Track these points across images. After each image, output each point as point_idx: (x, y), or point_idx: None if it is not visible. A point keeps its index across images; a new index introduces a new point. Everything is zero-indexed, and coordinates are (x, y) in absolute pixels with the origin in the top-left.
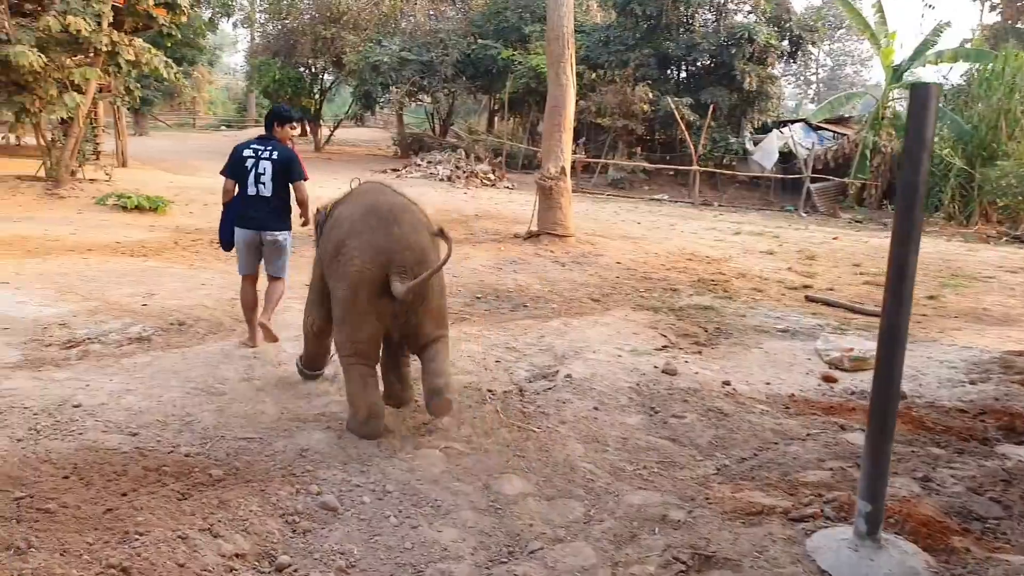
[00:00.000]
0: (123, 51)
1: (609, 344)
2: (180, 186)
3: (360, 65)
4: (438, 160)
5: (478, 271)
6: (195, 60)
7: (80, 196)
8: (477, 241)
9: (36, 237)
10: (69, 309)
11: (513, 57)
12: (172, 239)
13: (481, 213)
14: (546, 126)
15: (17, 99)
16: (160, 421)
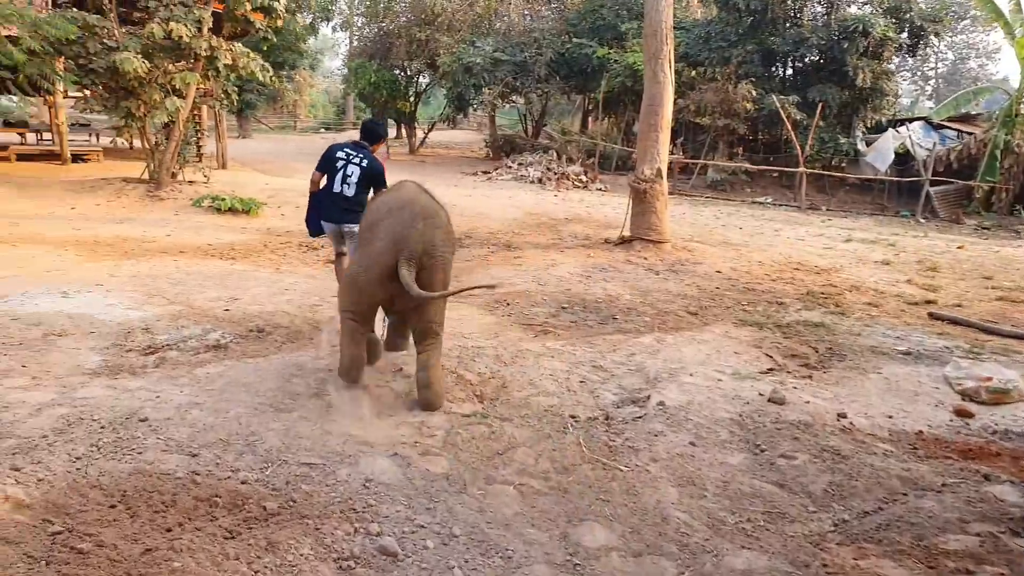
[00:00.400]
0: (221, 56)
1: (707, 365)
2: (275, 188)
3: (453, 67)
4: (529, 162)
5: (564, 279)
6: (296, 64)
7: (178, 198)
8: (565, 247)
9: (134, 238)
10: (154, 313)
11: (609, 56)
12: (262, 242)
13: (571, 216)
14: (641, 125)
15: (124, 104)
16: (223, 440)
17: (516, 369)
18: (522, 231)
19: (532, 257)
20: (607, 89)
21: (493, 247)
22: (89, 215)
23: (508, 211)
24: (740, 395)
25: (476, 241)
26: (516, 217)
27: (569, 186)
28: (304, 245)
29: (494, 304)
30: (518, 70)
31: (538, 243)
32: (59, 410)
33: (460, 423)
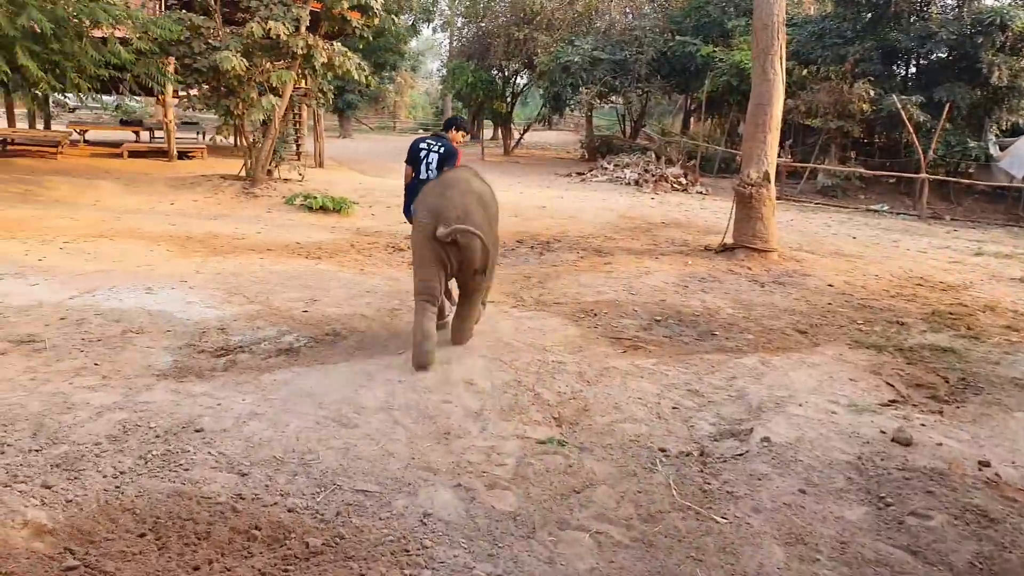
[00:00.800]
0: (317, 54)
1: (819, 394)
2: (368, 187)
3: (550, 66)
4: (626, 163)
5: (659, 289)
6: (397, 65)
7: (272, 195)
8: (660, 253)
9: (225, 235)
10: (232, 312)
11: (714, 54)
12: (349, 241)
13: (668, 221)
14: (748, 126)
15: (224, 102)
16: (277, 458)
17: (600, 390)
18: (615, 235)
19: (624, 263)
20: (711, 88)
21: (583, 252)
22: (186, 211)
23: (601, 214)
24: (858, 432)
25: (565, 245)
26: (609, 220)
27: (667, 189)
28: (391, 246)
29: (580, 314)
30: (617, 69)
31: (631, 248)
32: (119, 415)
33: (534, 451)
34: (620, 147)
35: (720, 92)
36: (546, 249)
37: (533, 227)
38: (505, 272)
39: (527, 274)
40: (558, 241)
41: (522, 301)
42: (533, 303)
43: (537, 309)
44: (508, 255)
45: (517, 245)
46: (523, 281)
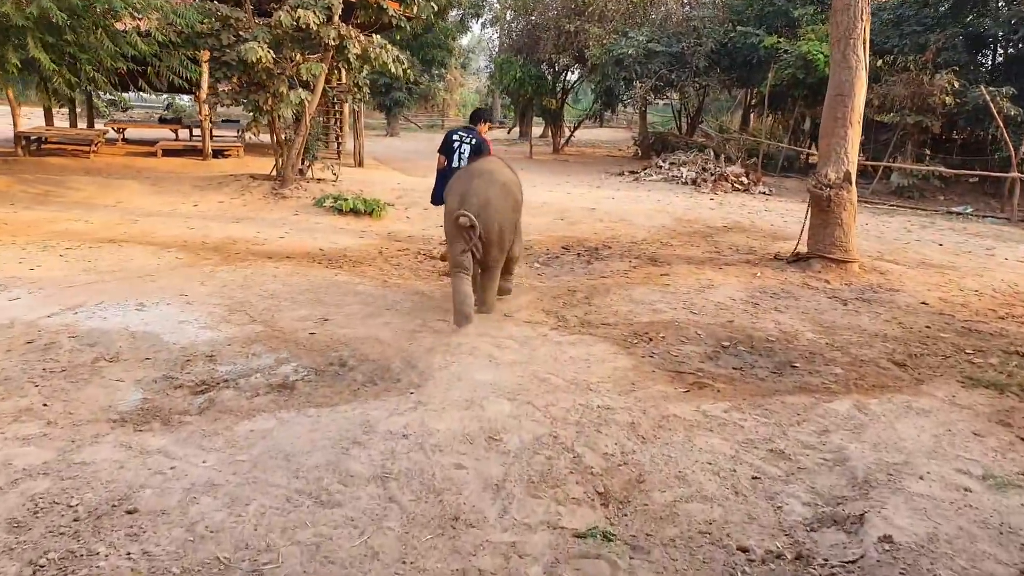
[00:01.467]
0: (351, 45)
1: (941, 459)
2: (406, 187)
3: (603, 59)
4: (682, 161)
5: (724, 306)
6: (445, 62)
7: (302, 196)
8: (724, 262)
9: (245, 240)
10: (228, 334)
11: (778, 45)
12: (378, 248)
13: (731, 224)
14: (825, 120)
15: (253, 97)
16: (222, 562)
17: (658, 450)
18: (671, 241)
19: (683, 275)
20: (774, 82)
21: (635, 261)
22: (208, 213)
23: (656, 216)
24: (1009, 524)
25: (615, 252)
26: (665, 224)
27: (728, 189)
28: (422, 253)
29: (632, 339)
30: (674, 62)
31: (691, 257)
32: (40, 484)
33: (569, 549)
34: (676, 145)
35: (784, 86)
36: (594, 257)
37: (581, 231)
38: (547, 285)
39: (572, 287)
40: (608, 248)
41: (564, 322)
42: (577, 324)
43: (582, 332)
44: (551, 264)
45: (562, 252)
46: (567, 296)
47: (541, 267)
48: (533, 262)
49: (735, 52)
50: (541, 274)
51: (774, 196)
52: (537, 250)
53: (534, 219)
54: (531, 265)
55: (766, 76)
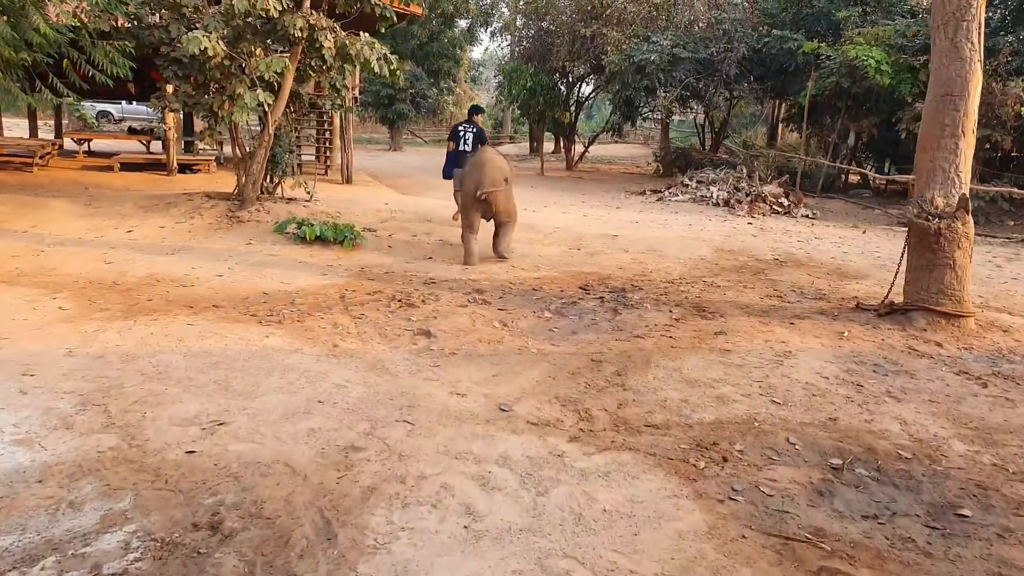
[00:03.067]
0: (321, 37)
1: None
2: (395, 208)
3: (622, 66)
4: (711, 179)
5: (817, 389)
6: (452, 72)
7: (262, 220)
8: (793, 313)
9: (171, 279)
10: (53, 456)
11: (819, 50)
12: (341, 290)
13: (783, 256)
14: (929, 128)
15: (204, 100)
16: None
17: None
18: (716, 279)
19: (745, 333)
20: (815, 91)
21: (676, 309)
22: (140, 242)
23: (691, 245)
24: None
25: (648, 296)
26: (704, 255)
27: (766, 211)
28: (399, 299)
29: (696, 457)
30: (701, 69)
31: (748, 305)
32: None
33: None
34: (700, 161)
35: (826, 96)
36: (622, 303)
37: (602, 265)
38: (562, 351)
39: (597, 354)
40: (638, 288)
41: (589, 422)
42: (609, 427)
43: (617, 445)
44: (567, 313)
45: (581, 295)
46: (591, 372)
47: (554, 317)
48: (543, 310)
49: (769, 59)
50: (554, 330)
51: (820, 220)
52: (549, 292)
53: (545, 249)
54: (540, 314)
55: (804, 85)
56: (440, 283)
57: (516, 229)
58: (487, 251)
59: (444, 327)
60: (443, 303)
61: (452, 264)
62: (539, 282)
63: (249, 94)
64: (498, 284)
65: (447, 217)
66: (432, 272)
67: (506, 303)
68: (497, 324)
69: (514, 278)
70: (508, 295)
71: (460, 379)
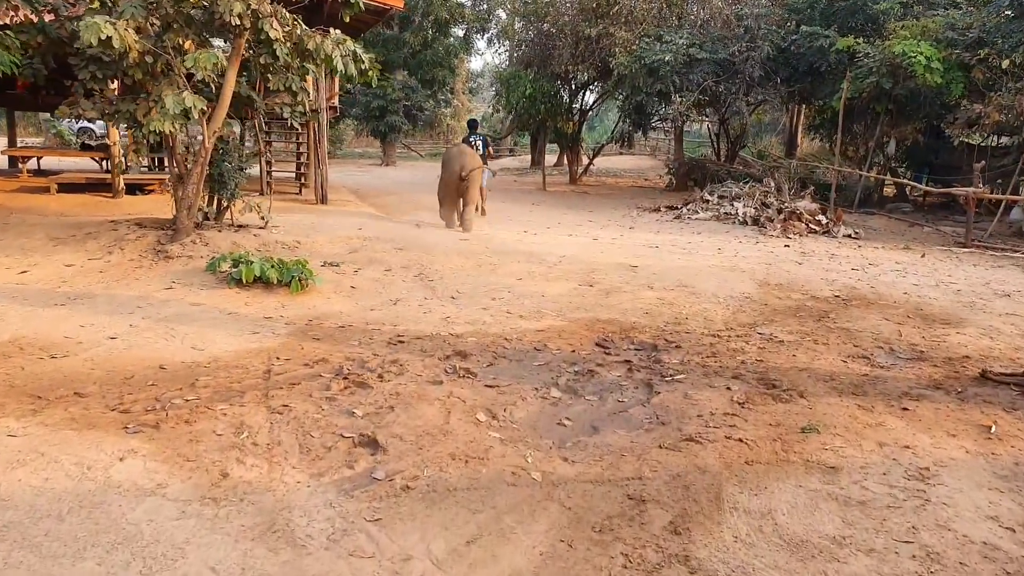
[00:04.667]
0: (267, 27)
1: None
2: (369, 235)
3: (632, 68)
4: (735, 194)
5: (1000, 553)
6: (447, 81)
7: (195, 255)
8: (899, 391)
9: (39, 346)
10: None
11: (855, 48)
12: (270, 360)
13: (844, 292)
14: None
15: (124, 106)
16: None
17: None
18: (773, 328)
19: (843, 427)
20: (852, 93)
21: (734, 381)
22: (30, 287)
23: (728, 279)
24: None
25: (692, 359)
26: (748, 292)
27: (802, 231)
28: (347, 372)
29: None
30: (720, 71)
31: (828, 372)
32: None
33: None
34: (718, 174)
35: (863, 99)
36: (657, 370)
37: (622, 307)
38: (577, 479)
39: (633, 482)
40: (674, 345)
41: None
42: None
43: None
44: (582, 389)
45: (600, 358)
46: (627, 525)
47: (564, 398)
48: (549, 385)
49: (797, 58)
50: (566, 424)
51: (867, 241)
52: (556, 352)
53: (549, 286)
54: (545, 394)
55: (836, 88)
56: (410, 342)
57: (514, 262)
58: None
59: (401, 429)
60: (409, 378)
61: (431, 308)
62: (543, 336)
63: (171, 98)
64: (488, 341)
65: (430, 243)
66: (403, 323)
67: (497, 374)
68: (482, 416)
69: (510, 331)
70: (501, 359)
71: (412, 553)
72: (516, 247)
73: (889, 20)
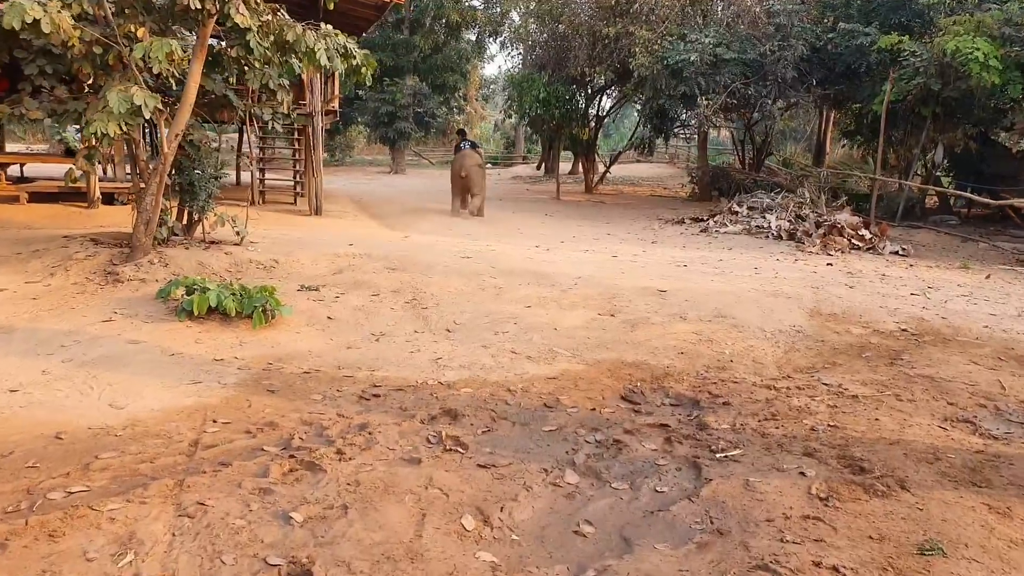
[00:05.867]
0: (232, 11)
1: None
2: (361, 251)
3: (654, 70)
4: (766, 205)
5: None
6: (458, 86)
7: (149, 278)
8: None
9: None
10: None
11: (901, 46)
12: (201, 427)
13: (912, 325)
14: None
15: (74, 105)
16: None
17: None
18: (837, 375)
19: (976, 545)
20: (896, 96)
21: (806, 460)
22: None
23: (774, 307)
24: None
25: (745, 419)
26: (798, 324)
27: (844, 247)
28: (297, 445)
29: None
30: (750, 73)
31: (927, 448)
32: None
33: None
34: (744, 183)
35: (908, 101)
36: (701, 439)
37: (652, 346)
38: None
39: None
40: (721, 401)
41: None
42: None
43: None
44: (607, 470)
45: (628, 420)
46: None
47: (584, 485)
48: (564, 464)
49: (833, 59)
50: (587, 532)
51: (918, 259)
52: (571, 411)
53: (564, 316)
54: (557, 479)
55: (877, 90)
56: (388, 396)
57: (522, 284)
58: None
59: (352, 550)
60: (377, 454)
61: (421, 344)
62: (555, 386)
63: (115, 94)
64: (486, 394)
65: (427, 262)
66: (383, 367)
67: (495, 446)
68: (470, 522)
69: (515, 378)
70: (501, 421)
71: None
72: (525, 266)
73: (938, 15)
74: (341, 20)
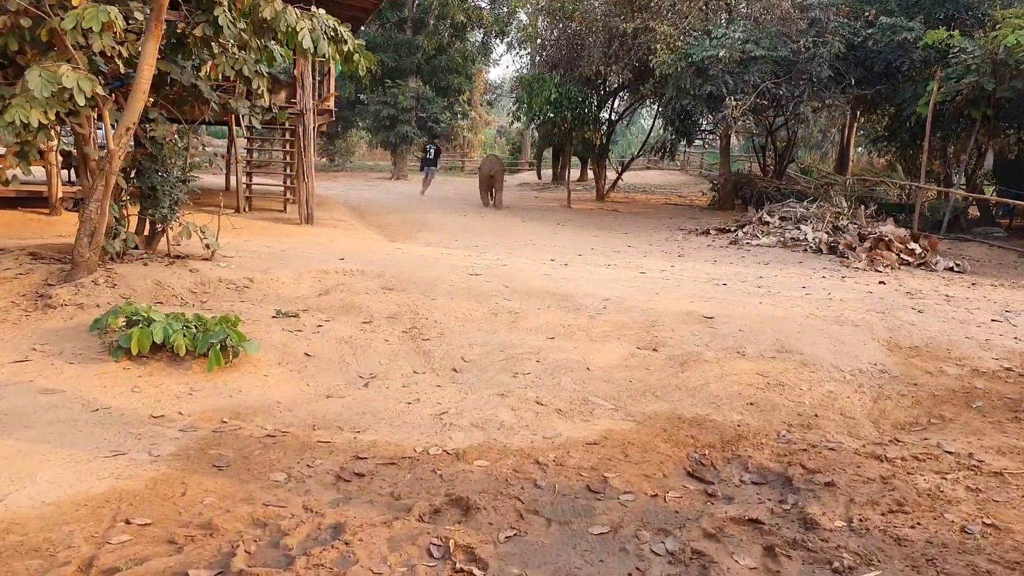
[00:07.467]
0: None
1: None
2: (351, 269)
3: (677, 67)
4: (799, 216)
5: None
6: (463, 89)
7: (87, 304)
8: None
9: None
10: None
11: (950, 42)
12: (110, 524)
13: (1019, 363)
14: None
15: (2, 90)
16: None
17: None
18: (956, 434)
19: None
20: (943, 97)
21: None
22: None
23: (842, 338)
24: None
25: (852, 500)
26: (879, 362)
27: (894, 262)
28: (246, 557)
29: None
30: (780, 71)
31: None
32: None
33: None
34: (768, 191)
35: (957, 103)
36: (810, 544)
37: (710, 392)
38: None
39: None
40: (821, 480)
41: None
42: None
43: None
44: None
45: (701, 514)
46: None
47: None
48: None
49: (872, 57)
50: None
51: (977, 276)
52: (623, 494)
53: (595, 350)
54: None
55: (920, 91)
56: (376, 475)
57: (542, 308)
58: None
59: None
60: None
61: (421, 392)
62: (598, 458)
63: (37, 75)
64: (508, 470)
65: (430, 279)
66: (371, 426)
67: (526, 565)
68: None
69: (544, 444)
70: (530, 517)
71: None
72: (543, 285)
73: (993, 8)
74: (336, 11)
